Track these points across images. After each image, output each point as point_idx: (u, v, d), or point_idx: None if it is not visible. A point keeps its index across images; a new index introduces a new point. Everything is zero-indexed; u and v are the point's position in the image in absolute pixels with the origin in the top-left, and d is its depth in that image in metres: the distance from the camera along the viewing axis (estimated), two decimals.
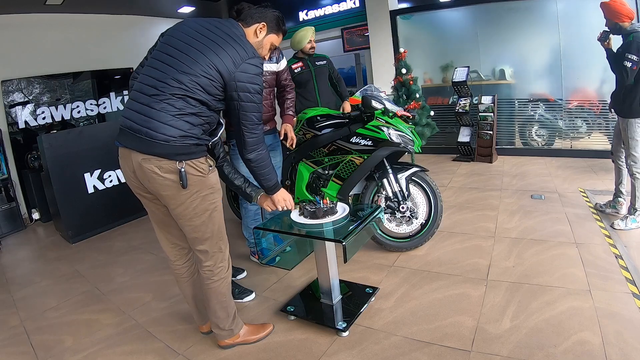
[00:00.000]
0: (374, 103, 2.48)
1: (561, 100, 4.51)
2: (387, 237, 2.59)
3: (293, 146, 2.54)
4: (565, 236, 2.58)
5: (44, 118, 4.87)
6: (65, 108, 5.05)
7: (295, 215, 1.93)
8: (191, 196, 1.54)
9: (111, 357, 1.91)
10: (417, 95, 4.23)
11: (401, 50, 4.45)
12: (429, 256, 2.52)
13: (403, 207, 2.49)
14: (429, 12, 5.36)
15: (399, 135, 2.43)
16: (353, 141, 2.51)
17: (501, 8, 4.67)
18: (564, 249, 2.40)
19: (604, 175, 3.19)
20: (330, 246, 1.93)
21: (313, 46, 3.11)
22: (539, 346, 1.61)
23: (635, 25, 2.47)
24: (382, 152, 2.43)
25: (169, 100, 1.45)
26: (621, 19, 2.46)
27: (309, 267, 2.45)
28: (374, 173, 2.53)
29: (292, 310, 2.03)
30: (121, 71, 5.54)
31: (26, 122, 4.73)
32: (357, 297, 2.09)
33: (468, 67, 4.77)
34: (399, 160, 2.68)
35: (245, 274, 2.56)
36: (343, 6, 6.03)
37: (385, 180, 2.50)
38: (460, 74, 4.78)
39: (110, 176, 3.95)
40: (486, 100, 4.68)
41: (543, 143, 4.73)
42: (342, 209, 1.91)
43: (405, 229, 2.58)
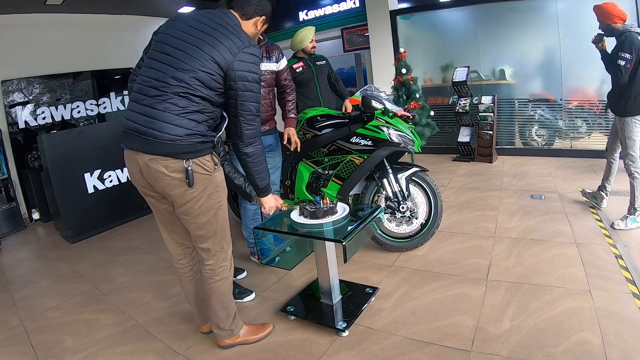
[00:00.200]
0: (374, 103, 2.48)
1: (561, 100, 4.51)
2: (387, 237, 2.59)
3: (299, 149, 2.54)
4: (565, 236, 2.58)
5: (44, 118, 4.87)
6: (65, 108, 5.04)
7: (295, 215, 1.93)
8: (197, 194, 1.55)
9: (111, 357, 1.91)
10: (417, 95, 4.23)
11: (401, 50, 4.45)
12: (429, 256, 2.52)
13: (403, 207, 2.49)
14: (429, 12, 5.36)
15: (399, 135, 2.44)
16: (353, 141, 2.51)
17: (501, 8, 4.67)
18: (564, 249, 2.40)
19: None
20: (330, 246, 1.93)
21: (314, 46, 3.11)
22: (539, 346, 1.61)
23: (627, 25, 2.52)
24: (382, 152, 2.43)
25: (172, 99, 1.45)
26: (613, 20, 2.52)
27: (309, 267, 2.45)
28: (374, 173, 2.53)
29: (292, 310, 2.03)
30: (121, 71, 5.54)
31: (26, 122, 4.73)
32: (357, 297, 2.09)
33: (468, 67, 4.77)
34: (399, 160, 2.68)
35: (245, 274, 2.56)
36: (343, 6, 6.03)
37: (385, 180, 2.50)
38: (460, 74, 4.77)
39: (110, 176, 3.94)
40: (486, 100, 4.68)
41: (543, 143, 4.73)
42: (342, 209, 1.92)
43: (405, 229, 2.58)
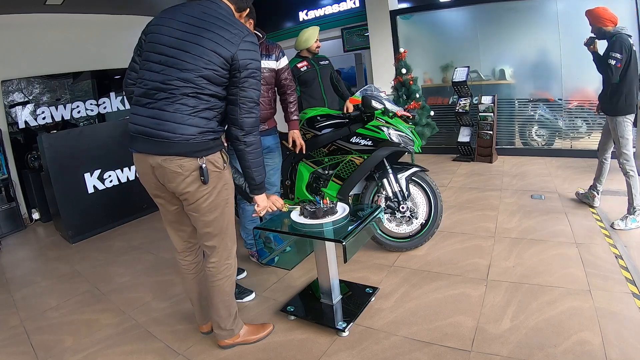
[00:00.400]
0: (374, 103, 2.48)
1: (561, 100, 4.51)
2: (387, 237, 2.59)
3: (304, 151, 2.54)
4: (565, 236, 2.58)
5: (44, 118, 4.87)
6: (65, 108, 5.05)
7: (295, 215, 1.93)
8: (209, 191, 1.57)
9: (111, 357, 1.91)
10: (417, 95, 4.23)
11: (401, 50, 4.45)
12: (429, 256, 2.52)
13: (403, 207, 2.49)
14: (429, 12, 5.36)
15: (399, 135, 2.44)
16: (353, 141, 2.51)
17: (501, 8, 4.67)
18: (564, 249, 2.40)
19: (607, 176, 3.20)
20: (330, 246, 1.93)
21: (319, 45, 3.13)
22: (539, 346, 1.61)
23: (618, 28, 2.61)
24: (382, 152, 2.43)
25: (181, 100, 1.46)
26: (604, 23, 2.61)
27: (309, 267, 2.45)
28: (374, 173, 2.53)
29: (292, 310, 2.03)
30: (121, 71, 5.52)
31: (26, 122, 4.73)
32: (357, 297, 2.09)
33: (468, 67, 4.77)
34: (399, 160, 2.68)
35: (245, 274, 2.56)
36: (343, 6, 6.03)
37: (385, 180, 2.50)
38: (460, 74, 4.77)
39: (110, 176, 3.94)
40: (486, 100, 4.68)
41: (543, 143, 4.73)
42: (342, 209, 1.92)
43: (405, 229, 2.58)
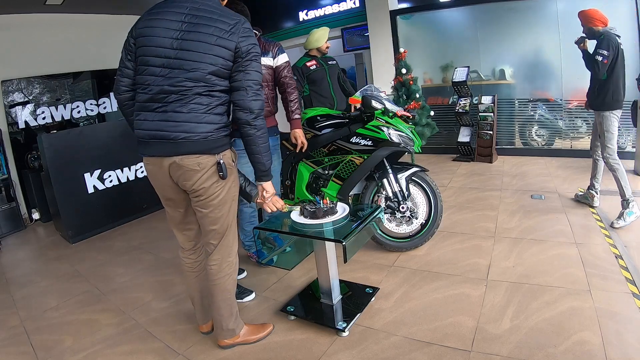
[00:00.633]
0: (374, 103, 2.48)
1: (561, 100, 4.51)
2: (387, 237, 2.59)
3: (304, 150, 2.53)
4: (565, 236, 2.58)
5: (44, 118, 4.87)
6: (65, 108, 5.04)
7: (295, 215, 1.93)
8: (221, 187, 1.59)
9: (111, 357, 1.91)
10: (417, 95, 4.23)
11: (401, 50, 4.45)
12: (429, 256, 2.52)
13: (403, 207, 2.49)
14: (429, 12, 5.36)
15: (399, 135, 2.44)
16: (353, 141, 2.51)
17: (501, 8, 4.67)
18: (564, 249, 2.40)
19: (603, 175, 3.21)
20: (330, 246, 1.93)
21: (328, 45, 3.23)
22: (539, 346, 1.61)
23: (607, 28, 2.75)
24: (382, 152, 2.43)
25: (195, 99, 1.48)
26: (595, 24, 2.76)
27: (309, 267, 2.45)
28: (374, 173, 2.53)
29: (292, 310, 2.03)
30: None
31: (26, 122, 4.73)
32: (357, 297, 2.09)
33: (468, 67, 4.77)
34: (399, 160, 2.68)
35: (245, 274, 2.56)
36: (343, 6, 6.03)
37: (385, 180, 2.50)
38: (460, 74, 4.77)
39: (110, 176, 3.94)
40: (486, 100, 4.68)
41: (543, 143, 4.73)
42: (342, 209, 1.91)
43: (405, 229, 2.58)
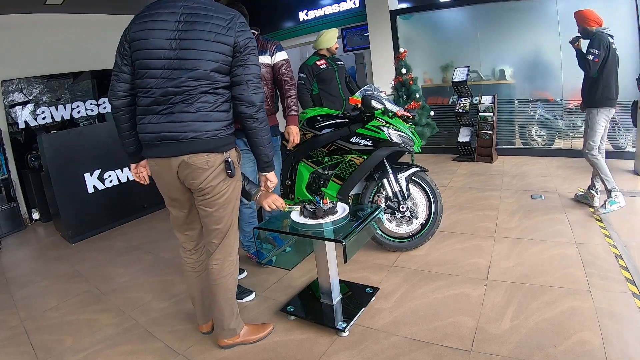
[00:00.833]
0: (374, 103, 2.48)
1: (561, 100, 4.51)
2: (387, 237, 2.59)
3: (293, 146, 2.53)
4: (565, 236, 2.58)
5: (44, 118, 4.87)
6: (65, 108, 5.05)
7: (295, 215, 1.93)
8: (227, 186, 1.61)
9: (111, 357, 1.91)
10: (417, 95, 4.23)
11: (401, 50, 4.45)
12: (429, 256, 2.52)
13: (403, 207, 2.49)
14: (429, 12, 5.36)
15: (399, 135, 2.44)
16: (353, 141, 2.51)
17: (501, 8, 4.67)
18: (564, 249, 2.40)
19: None
20: (330, 246, 1.93)
21: (337, 46, 3.39)
22: (539, 346, 1.61)
23: (600, 29, 2.84)
24: (382, 152, 2.43)
25: (201, 98, 1.49)
26: (589, 24, 2.86)
27: (309, 267, 2.45)
28: (374, 173, 2.53)
29: (292, 310, 2.03)
30: None
31: (26, 122, 4.73)
32: (357, 297, 2.09)
33: (468, 67, 4.77)
34: (399, 160, 2.68)
35: (245, 274, 2.56)
36: (343, 6, 6.03)
37: (385, 180, 2.50)
38: (460, 74, 4.77)
39: (110, 176, 3.94)
40: (486, 100, 4.68)
41: (543, 143, 4.73)
42: (342, 209, 1.92)
43: (405, 229, 2.58)
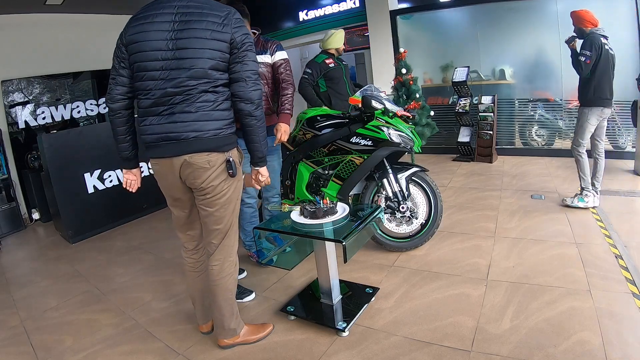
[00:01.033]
0: (374, 103, 2.48)
1: (561, 100, 4.51)
2: (387, 237, 2.59)
3: (276, 143, 2.40)
4: (565, 236, 2.58)
5: (44, 118, 4.87)
6: (65, 108, 5.05)
7: (295, 215, 1.93)
8: (228, 186, 1.61)
9: (111, 357, 1.91)
10: (417, 95, 4.24)
11: (401, 50, 4.45)
12: (429, 256, 2.52)
13: (403, 207, 2.49)
14: (429, 12, 5.36)
15: (399, 135, 2.44)
16: (353, 141, 2.51)
17: (501, 8, 4.67)
18: (564, 249, 2.40)
19: (604, 175, 3.22)
20: (330, 246, 1.93)
21: (344, 47, 3.53)
22: (539, 346, 1.61)
23: (594, 29, 2.86)
24: (382, 152, 2.43)
25: (201, 97, 1.49)
26: (585, 25, 2.89)
27: (309, 267, 2.45)
28: (374, 173, 2.53)
29: (292, 310, 2.03)
30: None
31: (26, 122, 4.73)
32: (357, 297, 2.09)
33: (468, 67, 4.77)
34: (399, 160, 2.68)
35: (245, 274, 2.56)
36: (343, 6, 6.03)
37: (385, 180, 2.50)
38: (460, 74, 4.77)
39: (110, 176, 3.94)
40: (486, 100, 4.68)
41: (543, 143, 4.73)
42: (342, 209, 1.92)
43: (405, 229, 2.58)
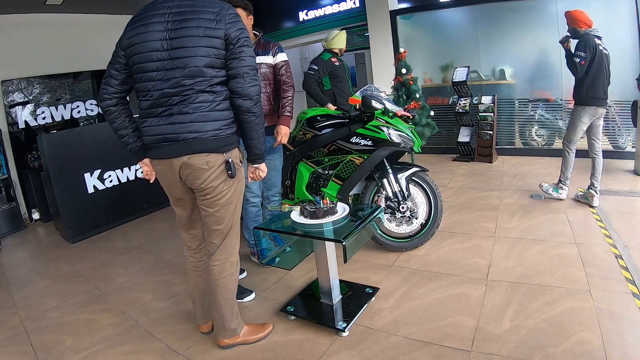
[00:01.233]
0: (374, 103, 2.48)
1: (561, 100, 4.51)
2: (387, 237, 2.59)
3: (275, 145, 2.41)
4: (565, 236, 2.58)
5: (44, 118, 4.87)
6: (65, 108, 5.05)
7: (295, 215, 1.93)
8: (228, 186, 1.60)
9: (111, 357, 1.91)
10: (417, 95, 4.23)
11: (401, 50, 4.45)
12: (429, 256, 2.52)
13: (403, 207, 2.49)
14: (429, 12, 5.36)
15: (399, 135, 2.44)
16: (353, 141, 2.51)
17: (501, 8, 4.67)
18: (564, 249, 2.40)
19: (604, 175, 3.22)
20: (330, 246, 1.93)
21: (345, 48, 3.66)
22: (539, 346, 1.61)
23: (588, 30, 2.89)
24: (382, 152, 2.43)
25: (198, 97, 1.49)
26: (579, 25, 2.91)
27: (309, 267, 2.45)
28: (374, 173, 2.53)
29: (292, 310, 2.03)
30: None
31: (26, 122, 4.73)
32: (357, 297, 2.09)
33: (468, 67, 4.77)
34: (399, 160, 2.68)
35: (245, 274, 2.56)
36: (343, 6, 6.03)
37: (385, 180, 2.50)
38: (460, 74, 4.77)
39: (110, 176, 3.94)
40: (486, 100, 4.68)
41: (543, 143, 4.73)
42: (342, 209, 1.92)
43: (405, 229, 2.58)
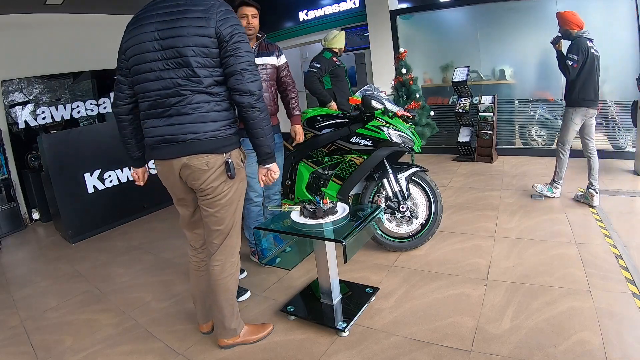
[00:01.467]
0: (374, 103, 2.49)
1: (561, 100, 4.50)
2: (387, 237, 2.59)
3: (296, 142, 2.58)
4: (565, 236, 2.58)
5: (44, 118, 4.87)
6: (65, 108, 5.05)
7: (295, 215, 1.93)
8: (229, 187, 1.60)
9: (111, 357, 1.91)
10: (417, 95, 4.23)
11: (401, 50, 4.45)
12: (429, 256, 2.52)
13: (403, 207, 2.49)
14: (429, 12, 5.36)
15: (399, 135, 2.44)
16: (353, 141, 2.51)
17: (501, 8, 4.67)
18: (564, 249, 2.40)
19: (604, 175, 3.22)
20: (330, 246, 1.93)
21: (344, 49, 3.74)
22: (539, 346, 1.61)
23: (580, 32, 2.89)
24: (382, 152, 2.43)
25: (196, 98, 1.48)
26: (571, 27, 2.92)
27: (309, 267, 2.45)
28: (374, 173, 2.53)
29: (292, 310, 2.03)
30: None
31: (26, 122, 4.73)
32: (357, 297, 2.09)
33: (468, 67, 4.77)
34: (399, 160, 2.68)
35: (245, 274, 2.56)
36: (343, 6, 6.03)
37: (385, 180, 2.50)
38: (460, 74, 4.77)
39: (110, 176, 3.94)
40: (486, 100, 4.68)
41: (543, 143, 4.73)
42: (342, 209, 1.92)
43: (405, 229, 2.58)
